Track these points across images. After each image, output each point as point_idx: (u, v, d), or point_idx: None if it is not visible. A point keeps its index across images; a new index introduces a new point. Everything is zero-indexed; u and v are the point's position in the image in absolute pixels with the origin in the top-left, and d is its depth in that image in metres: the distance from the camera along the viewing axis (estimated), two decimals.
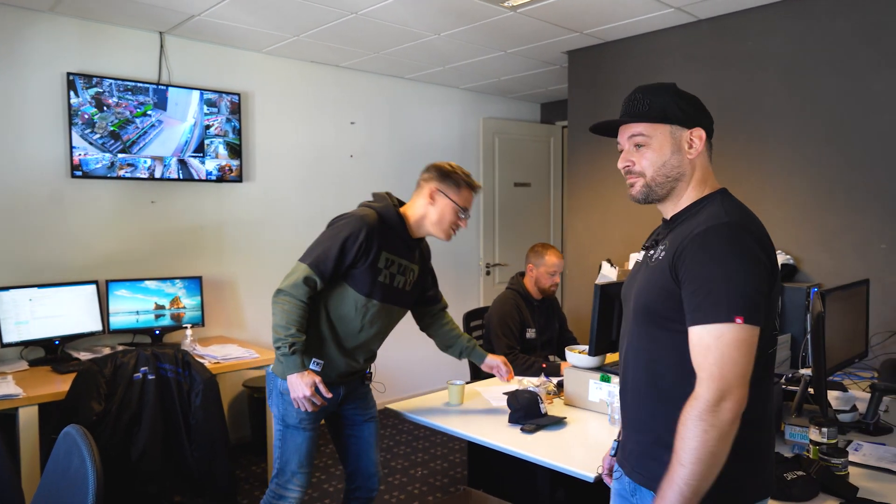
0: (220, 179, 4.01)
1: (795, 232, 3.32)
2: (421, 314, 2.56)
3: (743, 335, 1.21)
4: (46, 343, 3.25)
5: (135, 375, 2.71)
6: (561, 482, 2.47)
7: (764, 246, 1.29)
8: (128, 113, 3.62)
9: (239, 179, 4.08)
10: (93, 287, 3.43)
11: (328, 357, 2.22)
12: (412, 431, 4.33)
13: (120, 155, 3.61)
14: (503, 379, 2.58)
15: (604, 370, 2.47)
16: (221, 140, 4.00)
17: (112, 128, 3.57)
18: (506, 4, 3.30)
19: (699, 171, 1.40)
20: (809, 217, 3.28)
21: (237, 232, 4.16)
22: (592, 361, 2.49)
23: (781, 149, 3.36)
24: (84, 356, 3.23)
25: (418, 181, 2.32)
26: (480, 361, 2.57)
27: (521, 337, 3.20)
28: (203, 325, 3.79)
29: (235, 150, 4.07)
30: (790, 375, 2.35)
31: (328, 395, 2.12)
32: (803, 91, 3.28)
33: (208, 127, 3.94)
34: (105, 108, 3.54)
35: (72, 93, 3.43)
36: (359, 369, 2.34)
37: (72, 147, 3.45)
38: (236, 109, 4.06)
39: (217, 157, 3.99)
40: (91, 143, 3.51)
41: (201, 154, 3.92)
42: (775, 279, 1.31)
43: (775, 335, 1.43)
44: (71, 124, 3.44)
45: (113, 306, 3.48)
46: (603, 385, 2.42)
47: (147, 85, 3.69)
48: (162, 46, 3.81)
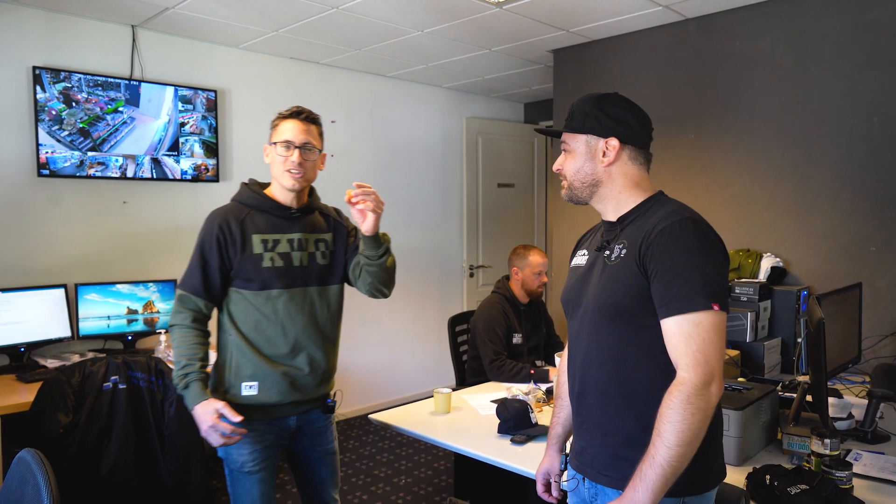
0: (196, 179, 3.87)
1: (784, 234, 3.28)
2: (354, 274, 2.07)
3: (718, 321, 1.29)
4: (11, 350, 3.10)
5: (105, 385, 2.57)
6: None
7: (720, 239, 1.39)
8: (98, 109, 3.47)
9: (215, 179, 3.95)
10: (61, 291, 3.27)
11: (261, 375, 1.92)
12: (395, 438, 4.23)
13: (90, 153, 3.45)
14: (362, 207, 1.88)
15: None
16: (197, 138, 3.86)
17: (81, 125, 3.42)
18: (491, 0, 3.22)
19: (624, 178, 1.48)
20: (798, 219, 3.25)
21: None
22: None
23: (770, 150, 3.32)
24: (52, 363, 3.08)
25: None
26: (365, 233, 1.95)
27: (508, 342, 3.12)
28: None
29: (212, 149, 3.93)
30: (787, 382, 2.29)
31: (235, 419, 1.78)
32: (792, 92, 3.24)
33: (183, 124, 3.80)
34: (74, 104, 3.39)
35: (38, 87, 3.28)
36: (309, 387, 1.99)
37: (38, 144, 3.29)
38: (212, 107, 3.92)
39: (192, 156, 3.85)
40: (59, 141, 3.35)
41: (176, 153, 3.78)
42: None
43: None
44: (37, 121, 3.29)
45: (83, 311, 3.33)
46: None
47: (118, 80, 3.54)
48: (134, 40, 3.66)
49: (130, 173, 3.60)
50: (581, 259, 1.57)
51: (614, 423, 1.40)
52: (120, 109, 3.55)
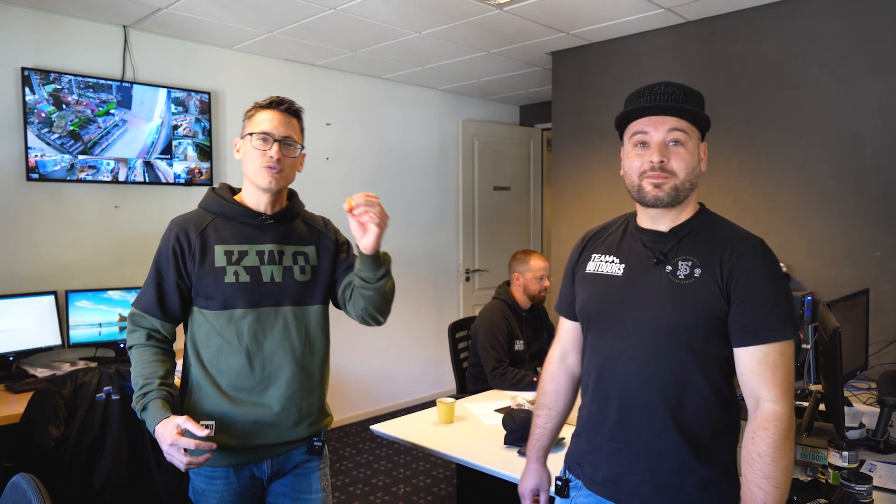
0: (189, 183, 3.79)
1: (787, 239, 3.25)
2: (344, 297, 1.78)
3: (793, 350, 1.27)
4: None
5: (97, 396, 2.50)
6: None
7: None
8: (89, 111, 3.39)
9: (209, 183, 3.87)
10: (51, 298, 3.19)
11: (218, 414, 1.61)
12: (392, 445, 4.17)
13: (80, 156, 3.37)
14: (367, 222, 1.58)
15: None
16: (190, 141, 3.79)
17: (72, 127, 3.34)
18: (492, 2, 3.17)
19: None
20: (801, 224, 3.22)
21: None
22: None
23: (772, 154, 3.30)
24: (41, 372, 3.00)
25: None
26: (363, 251, 1.64)
27: (510, 349, 3.07)
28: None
29: (205, 152, 3.86)
30: (798, 391, 2.25)
31: (200, 433, 1.47)
32: (794, 95, 3.21)
33: (176, 127, 3.73)
34: (64, 106, 3.31)
35: (27, 89, 3.19)
36: (281, 428, 1.66)
37: (27, 148, 3.21)
38: (206, 109, 3.85)
39: (186, 160, 3.77)
40: (49, 144, 3.27)
41: (169, 156, 3.70)
42: None
43: None
44: (26, 123, 3.20)
45: (73, 318, 3.24)
46: None
47: (110, 82, 3.47)
48: (126, 41, 3.58)
49: (122, 177, 3.52)
50: (611, 267, 1.42)
51: (667, 450, 1.32)
52: (111, 112, 3.47)
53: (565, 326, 1.61)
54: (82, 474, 2.43)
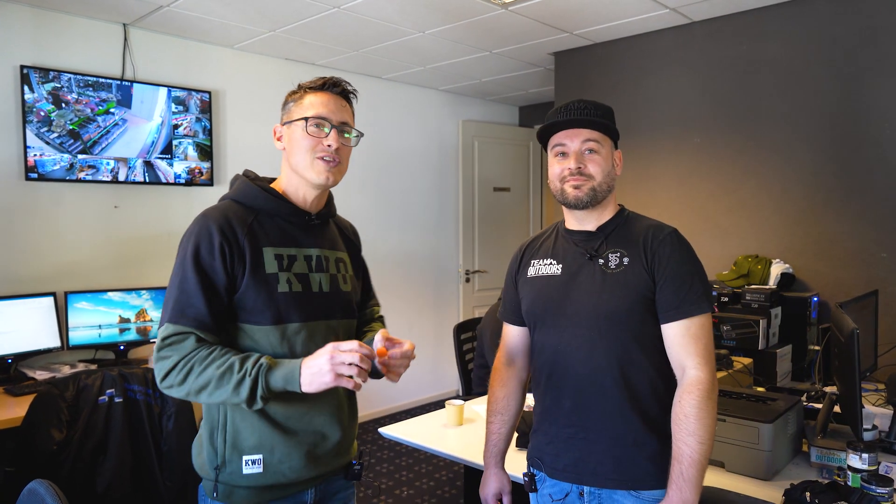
0: (190, 183, 3.75)
1: (792, 240, 3.25)
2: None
3: (711, 321, 1.45)
4: None
5: (100, 398, 2.46)
6: None
7: None
8: (88, 110, 3.35)
9: (210, 183, 3.84)
10: (50, 299, 3.14)
11: (268, 446, 1.37)
12: (394, 447, 4.14)
13: (80, 156, 3.33)
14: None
15: None
16: (191, 141, 3.75)
17: (71, 126, 3.30)
18: (497, 1, 3.16)
19: (614, 190, 1.56)
20: (806, 225, 3.21)
21: None
22: None
23: (778, 155, 3.29)
24: (41, 375, 2.95)
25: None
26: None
27: None
28: None
29: (206, 152, 3.82)
30: (812, 393, 2.24)
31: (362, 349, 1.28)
32: (800, 96, 3.21)
33: (176, 126, 3.69)
34: (63, 105, 3.26)
35: (26, 87, 3.15)
36: (330, 455, 1.47)
37: (26, 147, 3.16)
38: (207, 108, 3.81)
39: (186, 159, 3.73)
40: (48, 143, 3.22)
41: (169, 155, 3.66)
42: None
43: None
44: (25, 122, 3.16)
45: (73, 320, 3.20)
46: None
47: (110, 80, 3.42)
48: (126, 39, 3.54)
49: (122, 177, 3.48)
50: (550, 268, 1.56)
51: (621, 428, 1.44)
52: (111, 111, 3.43)
53: (510, 332, 1.71)
54: (85, 478, 2.39)
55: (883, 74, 2.97)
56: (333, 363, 1.26)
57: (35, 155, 3.19)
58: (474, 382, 3.21)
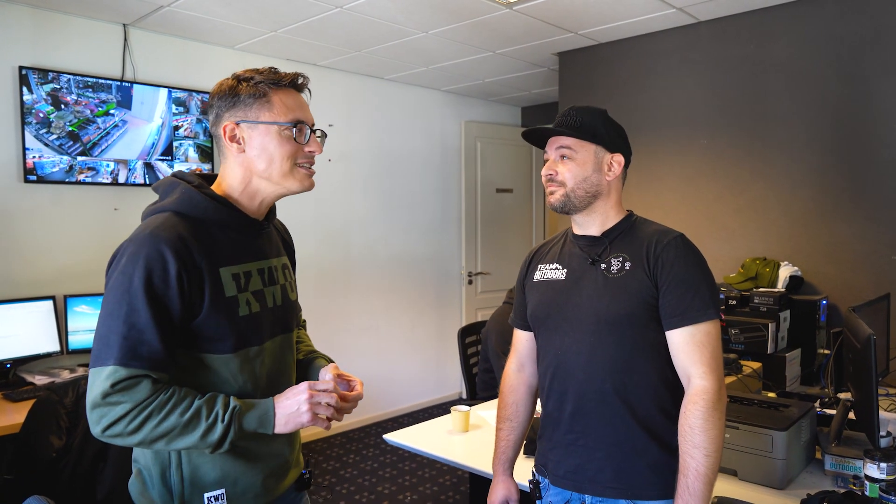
0: None
1: (800, 242, 3.21)
2: None
3: (719, 329, 1.41)
4: None
5: None
6: None
7: None
8: (88, 112, 3.31)
9: None
10: (49, 303, 3.10)
11: (231, 479, 1.26)
12: (396, 451, 4.10)
13: (79, 158, 3.29)
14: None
15: None
16: (191, 142, 3.71)
17: (70, 128, 3.26)
18: (502, 1, 3.12)
19: (616, 194, 1.53)
20: (815, 227, 3.17)
21: None
22: None
23: (785, 156, 3.25)
24: (40, 380, 2.91)
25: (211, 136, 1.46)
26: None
27: None
28: None
29: (207, 154, 3.78)
30: (826, 399, 2.20)
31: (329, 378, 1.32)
32: (807, 97, 3.17)
33: (177, 128, 3.65)
34: (62, 106, 3.23)
35: (25, 89, 3.11)
36: (287, 469, 1.38)
37: (25, 149, 3.12)
38: (207, 109, 3.77)
39: (187, 161, 3.69)
40: (47, 145, 3.19)
41: (169, 157, 3.62)
42: None
43: None
44: (24, 123, 3.12)
45: (72, 324, 3.16)
46: None
47: (109, 81, 3.38)
48: (126, 40, 3.50)
49: (122, 179, 3.44)
50: (555, 273, 1.55)
51: (622, 436, 1.42)
52: (111, 112, 3.39)
53: (520, 338, 1.70)
54: (85, 486, 2.35)
55: (890, 75, 2.93)
56: (312, 403, 1.21)
57: (34, 157, 3.15)
58: (479, 387, 3.17)
